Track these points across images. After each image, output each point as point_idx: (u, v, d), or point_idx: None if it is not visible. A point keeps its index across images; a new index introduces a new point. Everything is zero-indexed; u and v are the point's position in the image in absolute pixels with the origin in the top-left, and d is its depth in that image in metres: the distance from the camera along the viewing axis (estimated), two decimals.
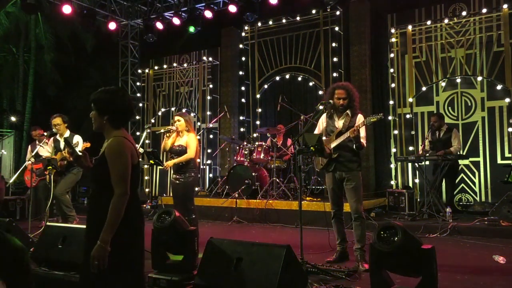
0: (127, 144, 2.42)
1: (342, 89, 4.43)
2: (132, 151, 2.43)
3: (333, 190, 4.56)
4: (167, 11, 10.14)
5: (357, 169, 4.43)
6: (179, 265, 3.68)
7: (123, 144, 2.40)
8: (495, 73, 7.73)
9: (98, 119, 2.46)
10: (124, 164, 2.36)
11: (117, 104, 2.46)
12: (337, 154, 4.40)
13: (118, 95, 2.48)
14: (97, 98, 2.46)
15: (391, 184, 8.40)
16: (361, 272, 3.99)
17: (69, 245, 3.90)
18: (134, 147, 2.48)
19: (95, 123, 2.49)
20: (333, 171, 4.47)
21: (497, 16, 7.81)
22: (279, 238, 6.01)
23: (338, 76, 9.16)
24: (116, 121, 2.47)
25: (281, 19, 9.89)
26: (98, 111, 2.45)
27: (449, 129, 7.19)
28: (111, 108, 2.45)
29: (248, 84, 10.43)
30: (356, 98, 4.47)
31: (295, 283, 3.21)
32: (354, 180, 4.38)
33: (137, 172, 2.51)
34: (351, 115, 4.43)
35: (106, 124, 2.46)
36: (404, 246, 2.73)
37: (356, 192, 4.39)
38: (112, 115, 2.45)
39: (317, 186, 8.52)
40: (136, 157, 2.47)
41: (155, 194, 10.78)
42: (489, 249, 5.03)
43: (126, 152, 2.38)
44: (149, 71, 11.65)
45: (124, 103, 2.49)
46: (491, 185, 7.60)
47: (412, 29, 8.53)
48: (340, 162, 4.42)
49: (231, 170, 8.10)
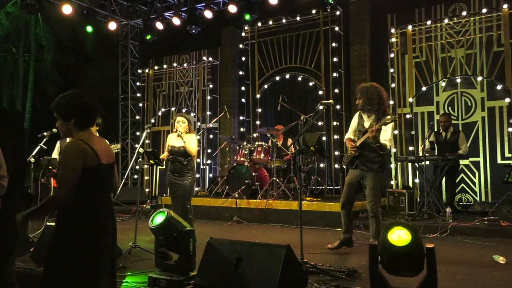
0: (80, 147, 2.33)
1: (358, 90, 4.67)
2: (87, 154, 2.33)
3: (348, 185, 4.68)
4: (167, 11, 10.14)
5: (378, 169, 4.52)
6: (176, 266, 3.66)
7: (75, 147, 2.33)
8: (495, 73, 7.73)
9: (64, 125, 2.42)
10: (67, 168, 2.28)
11: (79, 106, 2.41)
12: (358, 152, 4.52)
13: (77, 97, 2.44)
14: (58, 105, 2.42)
15: (391, 184, 8.40)
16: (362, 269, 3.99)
17: None
18: (91, 147, 2.36)
19: (62, 130, 2.44)
20: (355, 168, 4.62)
21: (497, 16, 7.81)
22: (279, 238, 6.00)
23: (338, 76, 9.16)
24: (81, 123, 2.41)
25: (281, 19, 9.89)
26: (62, 117, 2.41)
27: (456, 131, 7.20)
28: (74, 111, 2.40)
29: (248, 84, 10.43)
30: (381, 100, 4.53)
31: (295, 283, 3.21)
32: (372, 180, 4.49)
33: (95, 175, 2.37)
34: (378, 116, 4.48)
35: (72, 128, 2.41)
36: (415, 246, 2.71)
37: (374, 193, 4.49)
38: (77, 118, 2.40)
39: (317, 186, 8.53)
40: (95, 159, 2.35)
41: (155, 194, 10.78)
42: (489, 249, 5.02)
43: (74, 156, 2.30)
44: (149, 71, 11.64)
45: (85, 103, 2.43)
46: (491, 185, 7.60)
47: (412, 29, 8.52)
48: (362, 161, 4.54)
49: (231, 170, 8.10)
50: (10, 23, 14.57)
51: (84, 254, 2.29)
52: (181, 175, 5.17)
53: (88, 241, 2.30)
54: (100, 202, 2.41)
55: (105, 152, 2.45)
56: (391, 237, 2.77)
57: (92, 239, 2.32)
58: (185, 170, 5.20)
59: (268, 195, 7.52)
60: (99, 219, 2.37)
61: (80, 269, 2.28)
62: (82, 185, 2.31)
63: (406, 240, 2.72)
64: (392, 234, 2.78)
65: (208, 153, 10.44)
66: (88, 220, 2.33)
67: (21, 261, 4.10)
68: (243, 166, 7.92)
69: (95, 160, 2.35)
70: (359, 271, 3.92)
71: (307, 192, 7.92)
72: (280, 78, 10.01)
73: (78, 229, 2.30)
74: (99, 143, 2.46)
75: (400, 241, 2.73)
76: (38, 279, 3.59)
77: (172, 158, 5.25)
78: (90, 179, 2.34)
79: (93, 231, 2.34)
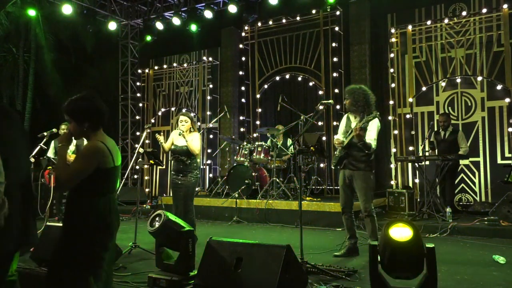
0: (101, 150, 2.42)
1: (346, 91, 4.75)
2: (105, 157, 2.42)
3: (342, 188, 4.73)
4: (167, 11, 10.15)
5: (365, 169, 4.56)
6: (177, 266, 3.66)
7: (98, 148, 2.41)
8: (495, 73, 7.73)
9: (78, 128, 2.47)
10: (82, 165, 2.36)
11: (94, 108, 2.49)
12: (345, 151, 4.57)
13: (90, 99, 2.50)
14: (73, 109, 2.47)
15: (391, 184, 8.40)
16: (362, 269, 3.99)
17: None
18: (109, 150, 2.45)
19: (76, 132, 2.49)
20: (343, 168, 4.66)
21: (497, 16, 7.81)
22: (279, 238, 6.00)
23: (338, 76, 9.16)
24: (95, 125, 2.48)
25: (281, 19, 9.89)
26: (77, 120, 2.46)
27: (455, 130, 7.19)
28: (89, 114, 2.46)
29: (248, 84, 10.43)
30: (362, 100, 4.59)
31: (295, 283, 3.21)
32: (361, 179, 4.52)
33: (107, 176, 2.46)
34: (363, 117, 4.54)
35: (87, 130, 2.47)
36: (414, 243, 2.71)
37: (364, 191, 4.52)
38: (91, 120, 2.46)
39: (317, 186, 8.53)
40: (111, 161, 2.43)
41: (155, 194, 10.77)
42: (489, 249, 5.03)
43: (93, 157, 2.38)
44: (149, 71, 11.64)
45: (99, 105, 2.51)
46: (491, 185, 7.60)
47: (412, 29, 8.52)
48: (349, 161, 4.59)
49: (231, 170, 8.10)
50: (10, 23, 14.55)
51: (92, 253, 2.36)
52: (184, 175, 5.16)
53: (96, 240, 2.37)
54: (109, 202, 2.48)
55: (117, 154, 2.53)
56: (393, 233, 2.77)
57: (100, 238, 2.39)
58: (188, 169, 5.18)
59: (268, 195, 7.52)
60: (107, 219, 2.44)
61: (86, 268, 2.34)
62: (94, 185, 2.39)
63: (407, 237, 2.72)
64: (394, 230, 2.78)
65: (208, 153, 10.44)
66: (97, 219, 2.39)
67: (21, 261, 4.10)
68: (243, 166, 7.92)
69: (110, 162, 2.43)
70: (359, 271, 3.93)
71: (307, 192, 7.92)
72: (280, 78, 10.01)
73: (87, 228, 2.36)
74: (112, 144, 2.53)
75: (402, 238, 2.74)
76: (38, 279, 3.59)
77: (175, 157, 5.25)
78: (102, 180, 2.42)
79: (101, 230, 2.40)
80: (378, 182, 8.72)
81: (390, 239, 2.74)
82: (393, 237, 2.74)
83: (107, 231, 2.43)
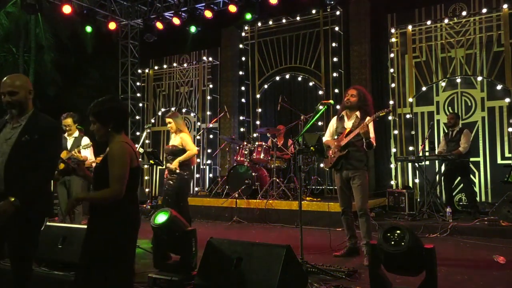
0: (128, 149, 2.54)
1: (355, 89, 4.71)
2: (132, 155, 2.54)
3: (341, 189, 4.72)
4: (167, 11, 10.13)
5: (363, 168, 4.57)
6: (176, 265, 3.66)
7: (125, 149, 2.52)
8: (495, 73, 7.72)
9: (102, 129, 2.57)
10: (122, 167, 2.46)
11: (117, 111, 2.60)
12: (346, 151, 4.53)
13: (114, 102, 2.63)
14: (99, 111, 2.57)
15: (391, 184, 8.40)
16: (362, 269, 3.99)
17: (69, 245, 3.91)
18: (134, 150, 2.58)
19: (99, 134, 2.58)
20: (340, 169, 4.62)
21: (497, 16, 7.80)
22: (279, 238, 6.01)
23: (338, 76, 9.16)
24: (119, 127, 2.60)
25: (281, 19, 9.88)
26: (101, 123, 2.56)
27: (461, 129, 7.20)
28: (113, 116, 2.57)
29: (248, 84, 10.42)
30: (368, 102, 4.62)
31: (295, 283, 3.21)
32: (360, 178, 4.51)
33: (136, 175, 2.61)
34: (360, 117, 4.55)
35: (110, 132, 2.58)
36: (412, 247, 2.71)
37: (362, 190, 4.51)
38: (115, 122, 2.57)
39: (317, 186, 8.52)
40: (136, 160, 2.56)
41: (155, 194, 10.78)
42: (489, 249, 5.03)
43: (126, 156, 2.49)
44: (149, 71, 11.64)
45: (122, 107, 2.67)
46: (491, 185, 7.60)
47: (412, 29, 8.52)
48: (347, 161, 4.56)
49: (231, 170, 8.10)
50: (10, 23, 14.58)
51: (130, 237, 2.55)
52: (171, 175, 5.14)
53: (134, 228, 2.56)
54: (135, 201, 2.62)
55: (138, 154, 2.65)
56: (387, 239, 2.78)
57: (136, 227, 2.59)
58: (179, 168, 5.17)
59: (268, 195, 7.52)
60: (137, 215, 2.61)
61: (127, 247, 2.53)
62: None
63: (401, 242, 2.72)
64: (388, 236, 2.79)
65: (208, 153, 10.44)
66: (134, 212, 2.58)
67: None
68: (243, 166, 7.92)
69: (136, 161, 2.56)
70: (359, 271, 3.93)
71: (307, 192, 7.92)
72: (280, 78, 10.00)
73: (128, 218, 2.53)
74: (133, 145, 2.65)
75: (396, 243, 2.74)
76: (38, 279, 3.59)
77: (167, 158, 5.31)
78: (132, 179, 2.53)
79: (136, 221, 2.59)
80: (378, 182, 8.73)
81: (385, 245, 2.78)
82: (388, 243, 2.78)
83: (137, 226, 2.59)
